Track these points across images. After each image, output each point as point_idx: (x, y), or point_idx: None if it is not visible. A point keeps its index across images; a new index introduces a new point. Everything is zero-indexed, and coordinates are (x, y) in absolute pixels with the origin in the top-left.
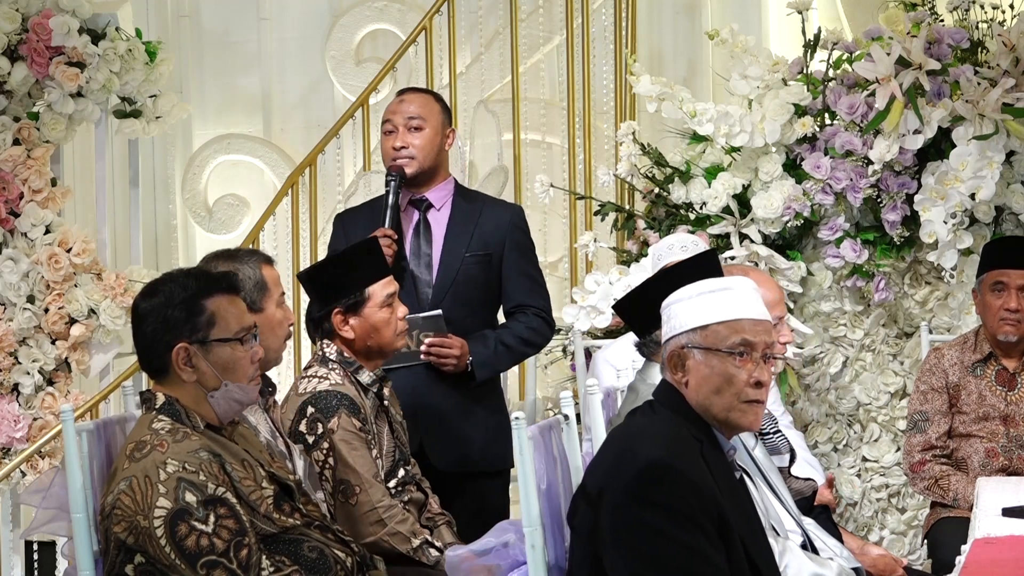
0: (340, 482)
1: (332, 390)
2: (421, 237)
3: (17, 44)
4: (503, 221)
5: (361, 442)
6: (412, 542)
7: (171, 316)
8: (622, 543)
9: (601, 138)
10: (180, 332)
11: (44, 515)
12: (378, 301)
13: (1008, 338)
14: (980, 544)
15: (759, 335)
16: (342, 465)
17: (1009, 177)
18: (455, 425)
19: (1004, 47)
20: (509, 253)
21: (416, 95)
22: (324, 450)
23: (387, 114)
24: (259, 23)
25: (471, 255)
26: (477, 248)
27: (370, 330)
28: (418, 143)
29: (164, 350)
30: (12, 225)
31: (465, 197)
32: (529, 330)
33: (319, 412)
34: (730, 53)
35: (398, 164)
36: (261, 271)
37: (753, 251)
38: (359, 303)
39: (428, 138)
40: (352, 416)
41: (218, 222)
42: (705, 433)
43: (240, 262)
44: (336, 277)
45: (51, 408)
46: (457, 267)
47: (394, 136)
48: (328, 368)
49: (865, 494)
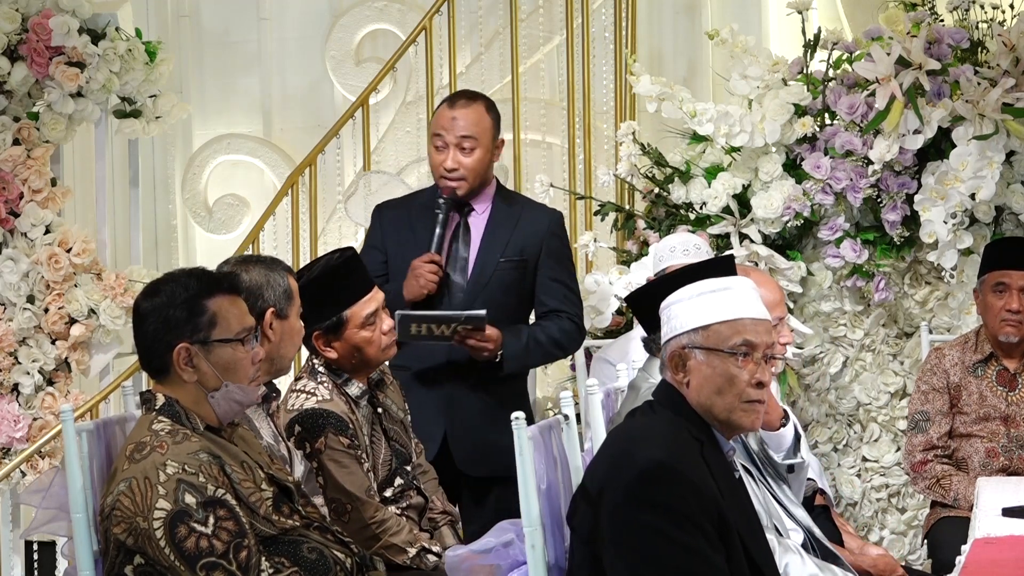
0: (332, 500)
1: (318, 408)
2: (460, 240)
3: (17, 44)
4: (541, 227)
5: (351, 459)
6: (408, 552)
7: (172, 316)
8: (622, 543)
9: (601, 138)
10: (181, 332)
11: (44, 515)
12: (358, 322)
13: (1009, 339)
14: (980, 544)
15: (760, 335)
16: (332, 485)
17: (1009, 177)
18: (483, 431)
19: (1004, 47)
20: (545, 260)
21: (468, 109)
22: (313, 469)
23: (438, 126)
24: (259, 23)
25: (506, 260)
26: (513, 254)
27: (352, 350)
28: (469, 164)
29: (165, 350)
30: (12, 225)
31: (505, 199)
32: (562, 332)
33: (305, 431)
34: (730, 53)
35: (450, 187)
36: (288, 280)
37: (753, 251)
38: (337, 326)
39: (479, 159)
40: (339, 435)
41: (218, 222)
42: (705, 433)
43: (270, 269)
44: (314, 300)
45: (51, 408)
46: (491, 272)
47: (444, 153)
48: (316, 381)
49: (865, 494)
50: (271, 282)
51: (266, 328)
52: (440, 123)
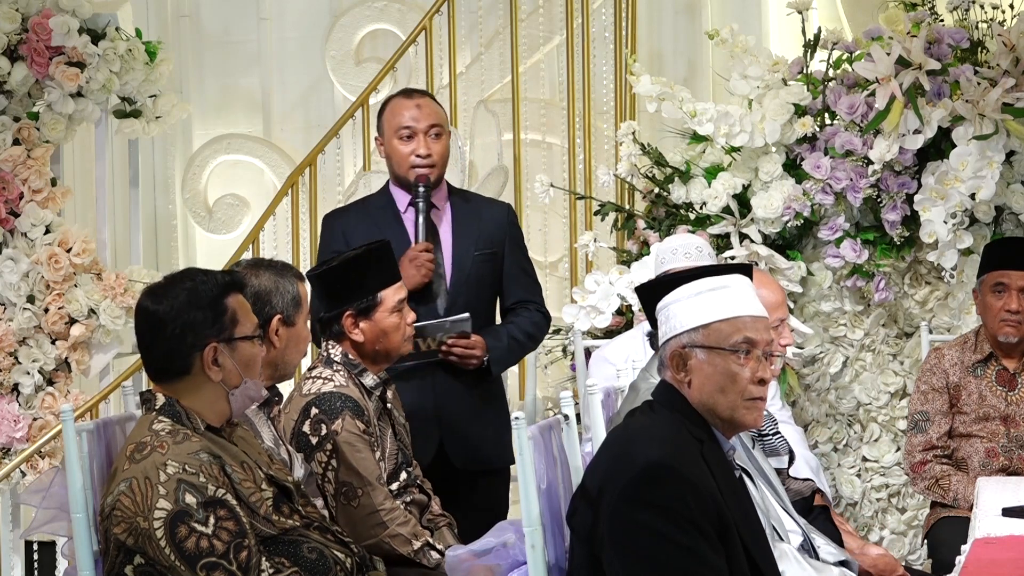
0: (343, 484)
1: (336, 392)
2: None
3: (17, 44)
4: (501, 219)
5: (365, 444)
6: (413, 544)
7: (195, 317)
8: (621, 544)
9: (601, 138)
10: (209, 332)
11: (44, 515)
12: (389, 306)
13: (1009, 339)
14: (980, 544)
15: (760, 332)
16: (345, 467)
17: (1009, 177)
18: (470, 426)
19: (1004, 47)
20: (510, 250)
21: (428, 100)
22: (327, 452)
23: (403, 119)
24: (259, 23)
25: (479, 253)
26: (485, 247)
27: (380, 334)
28: (439, 150)
29: (191, 351)
30: (12, 225)
31: (459, 196)
32: (533, 325)
33: (323, 414)
34: (730, 53)
35: (424, 173)
36: (298, 287)
37: (753, 251)
38: (371, 307)
39: (445, 145)
40: (356, 418)
41: (218, 222)
42: (706, 433)
43: (280, 275)
44: (349, 279)
45: (51, 408)
46: (468, 266)
47: (415, 142)
48: (332, 370)
49: (865, 494)
50: (280, 288)
51: (271, 334)
52: (404, 114)
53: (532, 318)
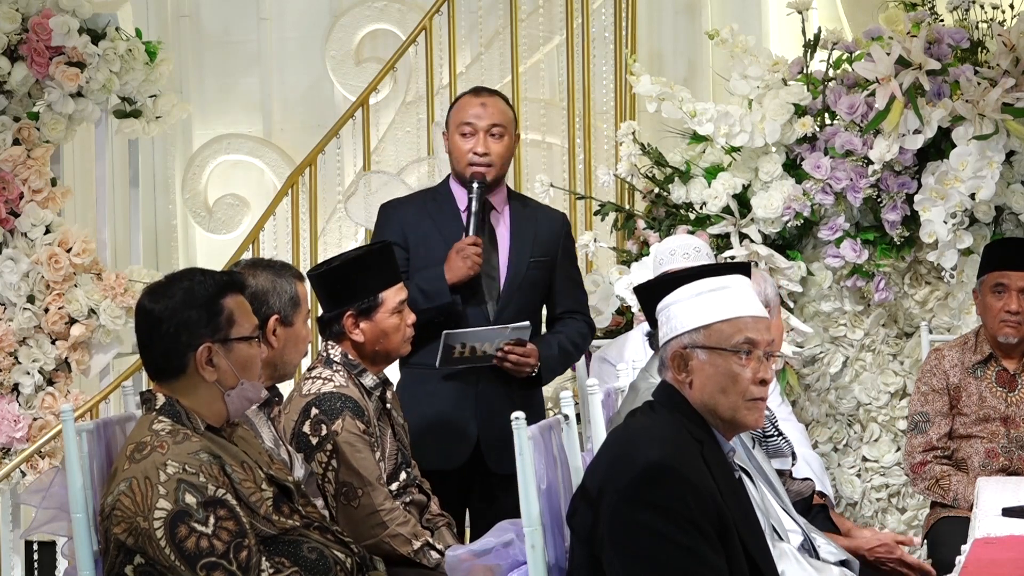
0: (343, 484)
1: (336, 392)
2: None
3: (17, 44)
4: (557, 227)
5: (365, 444)
6: (413, 544)
7: (191, 317)
8: (620, 544)
9: (601, 138)
10: (203, 332)
11: (44, 515)
12: (390, 307)
13: (1008, 340)
14: (980, 544)
15: (761, 332)
16: (345, 468)
17: (1009, 177)
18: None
19: (1004, 47)
20: (562, 259)
21: (496, 100)
22: (327, 452)
23: (466, 115)
24: (259, 23)
25: (535, 260)
26: (540, 254)
27: (380, 335)
28: (498, 150)
29: (186, 351)
30: (12, 225)
31: (518, 200)
32: (580, 336)
33: (323, 414)
34: (730, 53)
35: (480, 171)
36: (296, 287)
37: (753, 251)
38: (372, 307)
39: (507, 147)
40: (356, 419)
41: (218, 222)
42: (706, 433)
43: (278, 275)
44: (350, 279)
45: (51, 408)
46: (523, 272)
47: (474, 140)
48: (332, 370)
49: (865, 494)
50: (277, 288)
51: (269, 334)
52: (468, 111)
53: (580, 328)
